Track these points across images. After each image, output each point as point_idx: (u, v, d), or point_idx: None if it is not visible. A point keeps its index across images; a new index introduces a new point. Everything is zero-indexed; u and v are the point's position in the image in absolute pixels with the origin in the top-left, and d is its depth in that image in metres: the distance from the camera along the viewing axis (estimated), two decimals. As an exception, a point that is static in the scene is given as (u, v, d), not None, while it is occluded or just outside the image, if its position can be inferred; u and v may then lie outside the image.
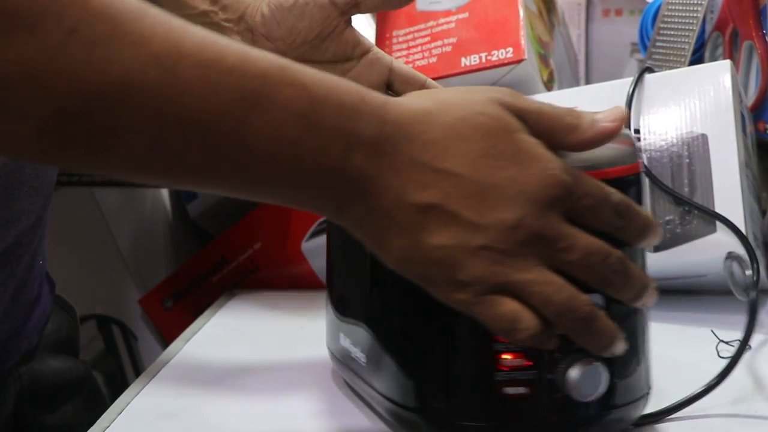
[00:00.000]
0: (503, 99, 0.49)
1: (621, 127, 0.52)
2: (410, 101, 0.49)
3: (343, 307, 0.63)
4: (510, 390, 0.52)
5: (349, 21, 0.71)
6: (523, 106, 0.50)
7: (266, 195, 0.48)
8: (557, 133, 0.50)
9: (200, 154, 0.44)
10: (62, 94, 0.40)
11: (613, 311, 0.52)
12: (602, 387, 0.53)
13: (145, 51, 0.42)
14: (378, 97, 0.48)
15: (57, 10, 0.39)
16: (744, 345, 0.59)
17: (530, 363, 0.52)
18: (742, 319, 0.60)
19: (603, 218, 0.50)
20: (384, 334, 0.57)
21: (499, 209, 0.46)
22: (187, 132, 0.43)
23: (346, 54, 0.71)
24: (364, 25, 1.12)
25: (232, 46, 0.45)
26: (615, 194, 0.50)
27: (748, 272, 0.61)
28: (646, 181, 0.57)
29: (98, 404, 0.80)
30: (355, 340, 0.60)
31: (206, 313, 0.85)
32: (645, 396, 0.57)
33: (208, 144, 0.44)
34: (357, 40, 0.71)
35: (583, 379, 0.52)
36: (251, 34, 0.70)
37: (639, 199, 0.55)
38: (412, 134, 0.47)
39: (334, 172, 0.46)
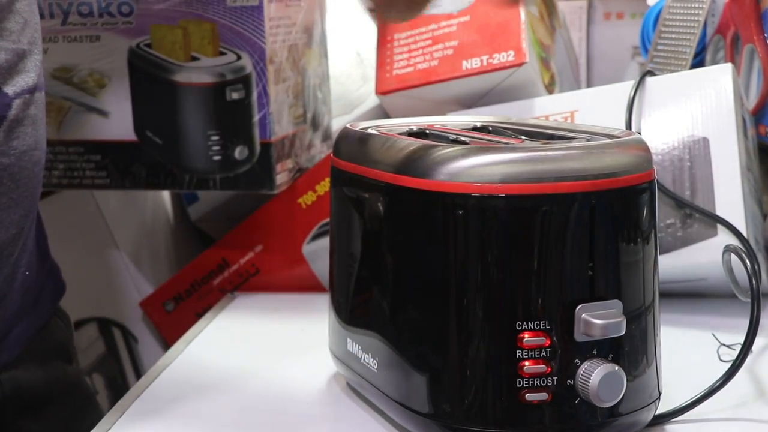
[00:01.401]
0: None
1: None
2: None
3: (352, 314, 0.63)
4: (530, 396, 0.53)
5: None
6: None
7: None
8: None
9: None
10: None
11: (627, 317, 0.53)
12: (622, 392, 0.53)
13: None
14: None
15: None
16: (746, 349, 0.59)
17: (550, 369, 0.52)
18: (743, 322, 0.60)
19: None
20: (399, 342, 0.57)
21: None
22: None
23: None
24: (367, 26, 1.12)
25: None
26: None
27: (747, 263, 0.61)
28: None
29: (89, 410, 0.79)
30: (366, 347, 0.60)
31: (207, 315, 0.85)
32: (657, 400, 0.57)
33: None
34: None
35: (604, 384, 0.52)
36: None
37: (651, 206, 0.55)
38: None
39: None
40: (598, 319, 0.53)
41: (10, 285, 0.67)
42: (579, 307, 0.53)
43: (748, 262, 0.61)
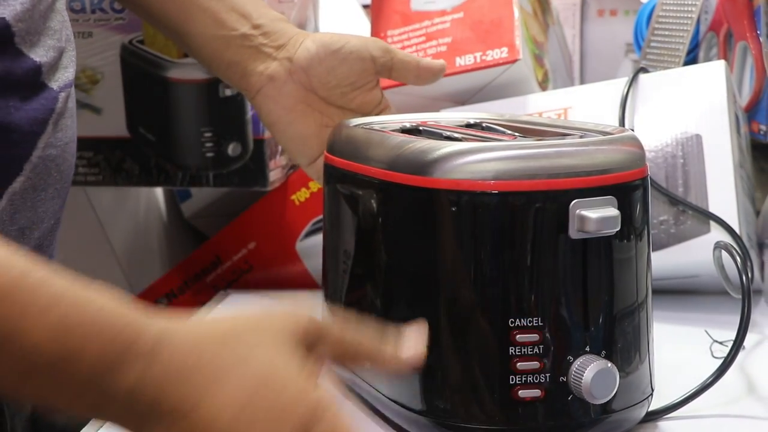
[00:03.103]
0: (295, 329, 0.47)
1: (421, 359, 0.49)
2: (186, 341, 0.46)
3: (345, 310, 0.63)
4: (523, 393, 0.53)
5: (378, 81, 0.75)
6: (321, 332, 0.48)
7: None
8: (358, 360, 0.49)
9: None
10: None
11: (618, 314, 0.53)
12: (615, 389, 0.53)
13: None
14: (152, 336, 0.45)
15: None
16: (738, 346, 0.59)
17: (543, 366, 0.52)
18: (735, 319, 0.60)
19: None
20: None
21: None
22: None
23: (368, 109, 0.74)
24: (360, 24, 1.12)
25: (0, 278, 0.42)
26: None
27: (738, 260, 0.61)
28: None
29: None
30: None
31: (200, 312, 0.85)
32: (649, 396, 0.57)
33: None
34: (380, 99, 0.75)
35: (597, 381, 0.52)
36: (290, 63, 0.73)
37: (644, 203, 0.55)
38: (175, 385, 0.45)
39: (94, 411, 0.45)
40: (593, 213, 0.52)
41: None
42: (573, 202, 0.52)
43: (738, 259, 0.61)
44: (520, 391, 0.53)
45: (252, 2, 0.75)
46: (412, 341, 0.49)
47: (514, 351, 0.52)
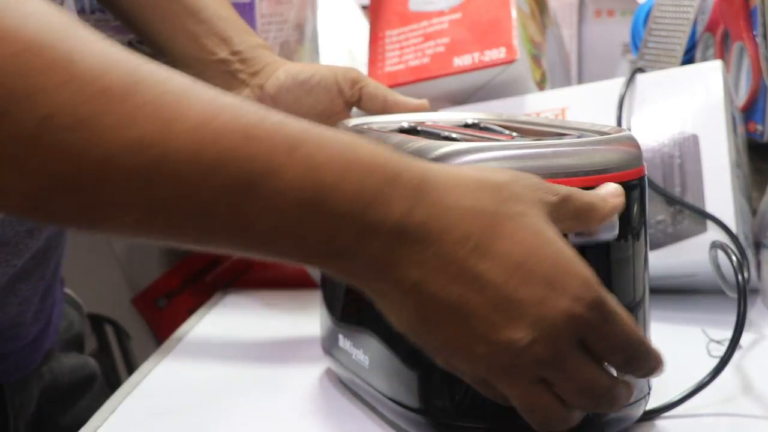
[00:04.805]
0: (547, 197, 0.48)
1: (624, 202, 0.52)
2: (454, 182, 0.45)
3: (344, 310, 0.63)
4: None
5: (350, 109, 0.76)
6: (560, 195, 0.48)
7: (269, 258, 0.46)
8: (583, 218, 0.50)
9: (192, 232, 0.43)
10: (40, 175, 0.39)
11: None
12: None
13: (127, 135, 0.39)
14: (415, 173, 0.44)
15: (29, 96, 0.38)
16: (734, 345, 0.60)
17: None
18: (732, 318, 0.60)
19: (611, 360, 0.48)
20: (390, 338, 0.57)
21: (514, 327, 0.45)
22: (175, 214, 0.41)
23: None
24: (358, 23, 1.12)
25: (238, 122, 0.42)
26: (631, 345, 0.48)
27: (733, 259, 0.61)
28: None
29: (107, 400, 0.81)
30: (357, 343, 0.60)
31: (199, 312, 0.85)
32: (647, 395, 0.57)
33: (199, 224, 0.42)
34: None
35: None
36: (260, 90, 0.75)
37: (641, 203, 0.56)
38: (449, 225, 0.44)
39: (341, 256, 0.44)
40: None
41: (55, 274, 0.71)
42: None
43: (734, 258, 0.61)
44: None
45: (234, 28, 0.76)
46: (609, 188, 0.51)
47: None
